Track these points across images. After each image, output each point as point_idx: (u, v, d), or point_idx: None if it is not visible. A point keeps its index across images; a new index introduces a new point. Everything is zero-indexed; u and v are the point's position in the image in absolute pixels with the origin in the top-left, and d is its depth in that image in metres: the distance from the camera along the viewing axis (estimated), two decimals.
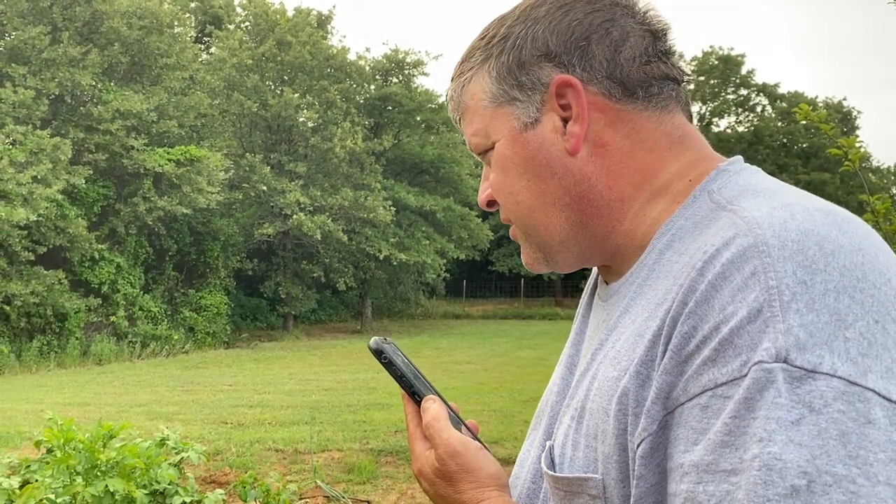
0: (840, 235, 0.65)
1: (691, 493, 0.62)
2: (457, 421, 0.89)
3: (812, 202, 0.70)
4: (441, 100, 26.74)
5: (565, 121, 0.81)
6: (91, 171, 17.08)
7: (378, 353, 0.91)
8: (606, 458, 0.72)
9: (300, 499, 5.60)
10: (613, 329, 0.79)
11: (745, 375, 0.60)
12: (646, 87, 0.81)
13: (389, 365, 0.91)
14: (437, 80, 30.18)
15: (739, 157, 0.82)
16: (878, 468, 0.57)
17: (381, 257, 22.23)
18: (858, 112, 38.76)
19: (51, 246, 16.09)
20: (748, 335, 0.61)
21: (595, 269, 0.99)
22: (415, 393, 0.90)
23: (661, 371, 0.67)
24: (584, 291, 1.01)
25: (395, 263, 22.89)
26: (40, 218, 15.27)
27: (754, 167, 0.81)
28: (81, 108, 18.06)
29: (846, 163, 2.02)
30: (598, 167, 0.81)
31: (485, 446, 0.88)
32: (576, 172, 0.81)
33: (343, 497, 5.79)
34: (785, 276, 0.62)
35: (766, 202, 0.70)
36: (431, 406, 0.88)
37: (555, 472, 0.79)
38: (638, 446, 0.68)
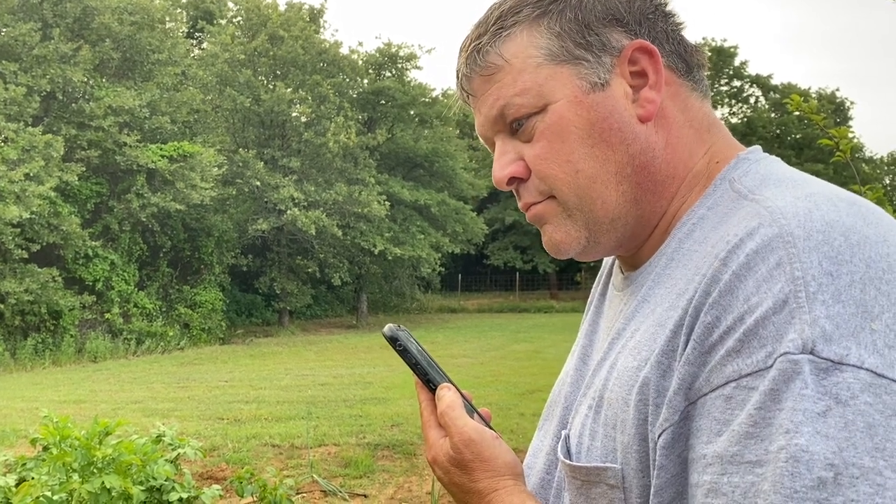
0: (865, 226, 0.65)
1: (715, 484, 0.61)
2: (470, 409, 0.88)
3: (835, 192, 0.69)
4: (435, 93, 26.71)
5: (633, 87, 0.79)
6: (84, 168, 17.00)
7: (393, 341, 0.90)
8: (626, 448, 0.72)
9: (297, 493, 5.60)
10: (631, 318, 0.79)
11: (771, 366, 0.60)
12: (698, 69, 0.83)
13: (404, 352, 0.90)
14: (430, 74, 30.18)
15: (758, 147, 0.83)
16: None
17: (376, 252, 22.22)
18: (851, 102, 38.90)
19: (44, 243, 16.03)
20: (773, 326, 0.61)
21: (607, 260, 0.98)
22: (429, 381, 0.89)
23: (684, 361, 0.66)
24: (597, 281, 1.00)
25: (389, 258, 22.88)
26: (33, 215, 15.20)
27: (773, 157, 0.81)
28: (73, 104, 17.98)
29: (837, 153, 2.03)
30: (660, 138, 0.80)
31: (498, 434, 0.87)
32: (643, 141, 0.79)
33: (340, 491, 5.80)
34: (811, 267, 0.61)
35: (789, 192, 0.70)
36: (447, 394, 0.87)
37: (572, 461, 0.79)
38: (659, 437, 0.67)
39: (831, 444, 0.57)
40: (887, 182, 42.42)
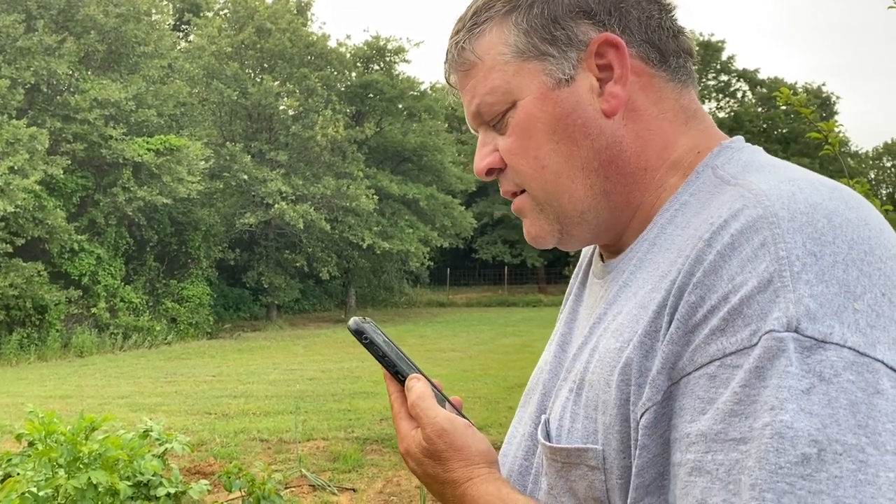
0: (847, 210, 0.65)
1: (699, 463, 0.62)
2: (441, 398, 0.87)
3: (817, 177, 0.70)
4: (423, 87, 26.64)
5: (600, 81, 0.79)
6: (69, 162, 16.85)
7: (358, 334, 0.89)
8: (607, 429, 0.72)
9: (285, 488, 5.59)
10: (613, 303, 0.79)
11: (756, 344, 0.60)
12: (675, 57, 0.81)
13: (370, 345, 0.89)
14: (418, 68, 30.11)
15: (740, 137, 0.83)
16: (887, 438, 0.57)
17: (365, 246, 22.17)
18: (837, 97, 39.15)
19: (29, 237, 15.89)
20: (758, 305, 0.61)
21: (586, 250, 0.98)
22: (398, 372, 0.88)
23: (667, 341, 0.66)
24: (576, 271, 0.99)
25: (378, 252, 22.84)
26: (18, 209, 15.06)
27: (756, 146, 0.81)
28: (58, 97, 17.80)
29: (826, 147, 2.04)
30: (629, 132, 0.79)
31: (469, 422, 0.86)
32: (609, 135, 0.79)
33: (328, 485, 5.79)
34: (795, 247, 0.62)
35: (772, 176, 0.70)
36: (416, 385, 0.86)
37: (552, 443, 0.78)
38: (641, 416, 0.67)
39: (815, 421, 0.57)
40: (872, 176, 42.79)
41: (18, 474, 3.32)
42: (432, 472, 0.84)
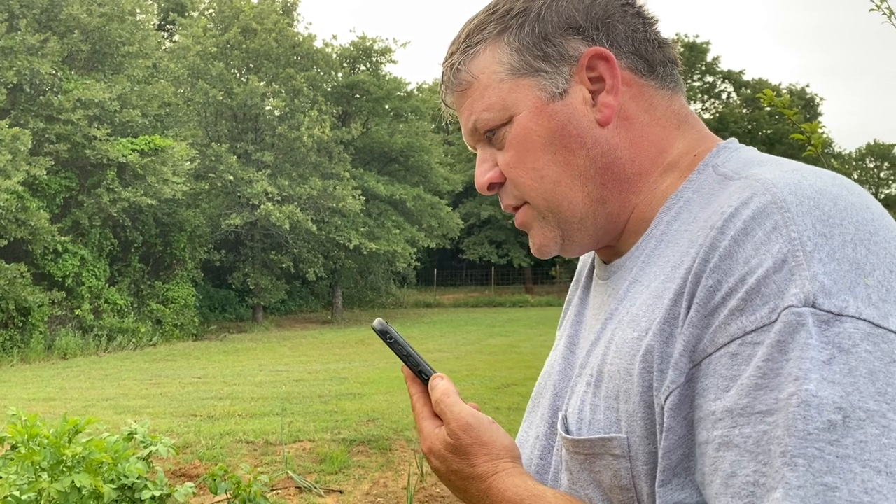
0: (849, 195, 0.69)
1: (726, 438, 0.64)
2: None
3: (816, 168, 0.74)
4: (410, 87, 26.62)
5: (592, 93, 0.82)
6: (52, 162, 16.69)
7: (383, 334, 0.92)
8: (630, 417, 0.73)
9: (272, 490, 5.57)
10: (624, 298, 0.81)
11: (776, 321, 0.63)
12: (662, 66, 0.85)
13: (395, 344, 0.91)
14: (405, 68, 30.10)
15: (734, 139, 0.86)
16: None
17: (351, 247, 22.12)
18: (821, 99, 39.46)
19: (12, 238, 15.73)
20: (775, 284, 0.64)
21: (584, 259, 1.01)
22: (421, 372, 0.91)
23: (688, 325, 0.69)
24: (575, 280, 1.02)
25: (365, 253, 22.80)
26: (0, 210, 14.91)
27: (750, 147, 0.85)
28: (41, 97, 17.63)
29: (809, 148, 2.05)
30: (622, 139, 0.83)
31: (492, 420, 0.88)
32: (604, 143, 0.82)
33: (315, 487, 5.78)
34: (806, 229, 0.65)
35: (775, 167, 0.74)
36: (440, 383, 0.89)
37: (573, 436, 0.80)
38: (666, 399, 0.69)
39: (838, 390, 0.60)
40: (856, 177, 43.20)
41: (1, 478, 3.29)
42: (457, 467, 0.85)
